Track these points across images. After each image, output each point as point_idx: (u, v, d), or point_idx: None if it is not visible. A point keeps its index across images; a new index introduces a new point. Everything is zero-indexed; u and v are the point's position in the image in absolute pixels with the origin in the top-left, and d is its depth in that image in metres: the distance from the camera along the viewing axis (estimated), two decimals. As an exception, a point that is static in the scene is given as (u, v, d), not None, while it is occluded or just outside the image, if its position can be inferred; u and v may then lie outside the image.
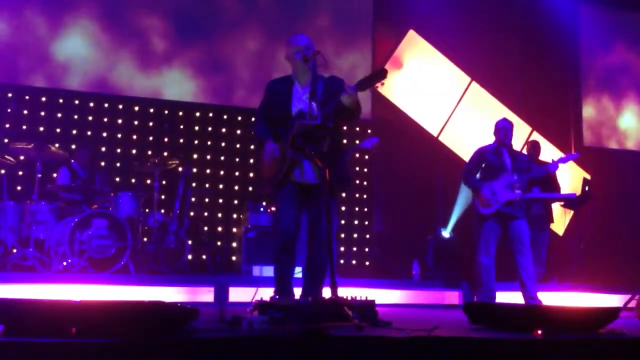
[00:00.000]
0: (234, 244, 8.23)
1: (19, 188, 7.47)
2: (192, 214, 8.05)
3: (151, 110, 8.38)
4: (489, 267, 5.82)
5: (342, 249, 8.74)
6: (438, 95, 9.53)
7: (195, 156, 8.46)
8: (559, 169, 6.09)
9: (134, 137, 8.30)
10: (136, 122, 8.32)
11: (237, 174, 8.53)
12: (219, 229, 8.40)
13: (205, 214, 8.37)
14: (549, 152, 9.11)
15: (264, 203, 7.55)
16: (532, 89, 9.69)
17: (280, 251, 4.27)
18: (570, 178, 9.38)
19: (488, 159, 5.99)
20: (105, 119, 8.19)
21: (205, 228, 8.19)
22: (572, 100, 10.26)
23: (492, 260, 5.84)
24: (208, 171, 8.50)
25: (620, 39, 10.61)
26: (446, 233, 8.52)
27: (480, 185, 5.92)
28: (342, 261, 8.62)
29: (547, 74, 9.84)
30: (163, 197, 7.42)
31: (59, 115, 8.02)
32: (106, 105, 8.19)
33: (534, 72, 9.70)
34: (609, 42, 10.55)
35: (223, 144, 8.60)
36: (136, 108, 8.33)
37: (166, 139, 8.36)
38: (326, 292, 3.74)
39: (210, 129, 8.61)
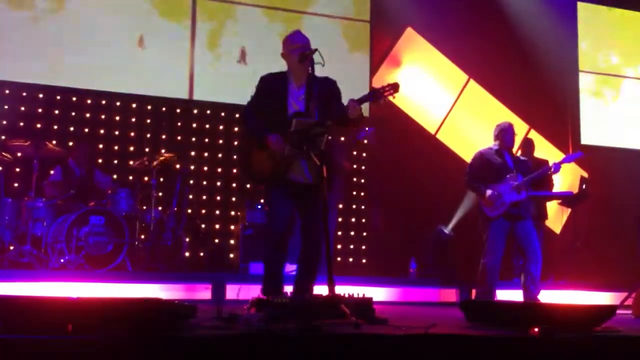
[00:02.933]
0: (232, 242, 8.22)
1: (16, 185, 7.44)
2: (189, 211, 8.03)
3: (149, 107, 8.36)
4: (493, 270, 5.76)
5: (339, 246, 8.74)
6: (436, 93, 9.54)
7: (192, 153, 8.43)
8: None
9: (132, 134, 8.27)
10: (134, 119, 8.30)
11: (234, 171, 8.51)
12: (217, 226, 8.38)
13: (203, 211, 8.35)
14: (547, 151, 9.13)
15: (262, 200, 7.54)
16: (530, 87, 9.68)
17: (272, 250, 4.24)
18: (567, 176, 9.38)
19: (491, 161, 5.92)
20: (103, 116, 8.16)
21: (203, 225, 8.18)
22: (569, 97, 10.25)
23: (498, 263, 5.79)
24: (205, 168, 8.48)
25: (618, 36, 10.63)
26: (447, 230, 8.51)
27: (485, 187, 5.83)
28: (339, 259, 8.63)
29: (544, 72, 9.82)
30: (160, 194, 7.40)
31: (56, 112, 7.98)
32: (103, 102, 8.16)
33: (532, 69, 9.69)
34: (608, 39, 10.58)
35: (220, 141, 8.58)
36: (134, 105, 8.30)
37: (164, 136, 8.34)
38: (323, 290, 3.74)
39: (207, 126, 8.59)
